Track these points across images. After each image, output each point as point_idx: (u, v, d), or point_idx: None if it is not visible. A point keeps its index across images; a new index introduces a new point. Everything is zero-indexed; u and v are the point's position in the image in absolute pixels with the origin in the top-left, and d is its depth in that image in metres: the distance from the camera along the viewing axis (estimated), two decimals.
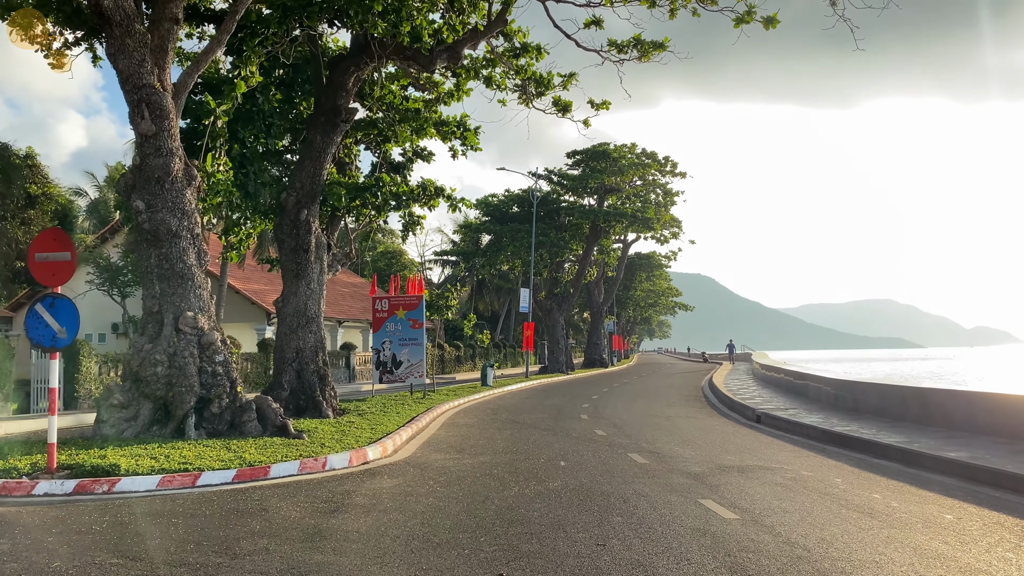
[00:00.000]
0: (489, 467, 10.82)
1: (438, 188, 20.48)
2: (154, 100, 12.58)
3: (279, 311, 17.86)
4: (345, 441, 12.58)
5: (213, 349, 13.45)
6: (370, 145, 21.86)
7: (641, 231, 48.40)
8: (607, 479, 9.79)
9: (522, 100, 21.92)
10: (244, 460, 10.43)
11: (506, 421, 17.94)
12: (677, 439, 14.53)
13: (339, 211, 19.48)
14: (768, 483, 9.68)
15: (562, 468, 10.72)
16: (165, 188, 13.04)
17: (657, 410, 21.56)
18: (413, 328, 23.65)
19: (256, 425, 13.42)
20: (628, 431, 15.93)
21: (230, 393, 13.41)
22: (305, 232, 17.66)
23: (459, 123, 20.91)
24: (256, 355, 31.14)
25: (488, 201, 48.08)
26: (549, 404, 23.13)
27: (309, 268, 17.69)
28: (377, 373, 23.89)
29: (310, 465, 10.56)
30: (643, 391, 30.19)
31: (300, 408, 17.09)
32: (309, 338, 17.61)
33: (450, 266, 58.52)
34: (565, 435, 15.05)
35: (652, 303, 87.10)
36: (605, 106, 22.06)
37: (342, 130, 18.14)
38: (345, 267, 19.84)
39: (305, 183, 17.75)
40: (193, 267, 13.45)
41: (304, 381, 17.36)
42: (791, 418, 17.40)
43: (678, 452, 12.57)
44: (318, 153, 17.89)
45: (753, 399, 22.82)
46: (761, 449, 13.28)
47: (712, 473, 10.41)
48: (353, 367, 38.92)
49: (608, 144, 45.61)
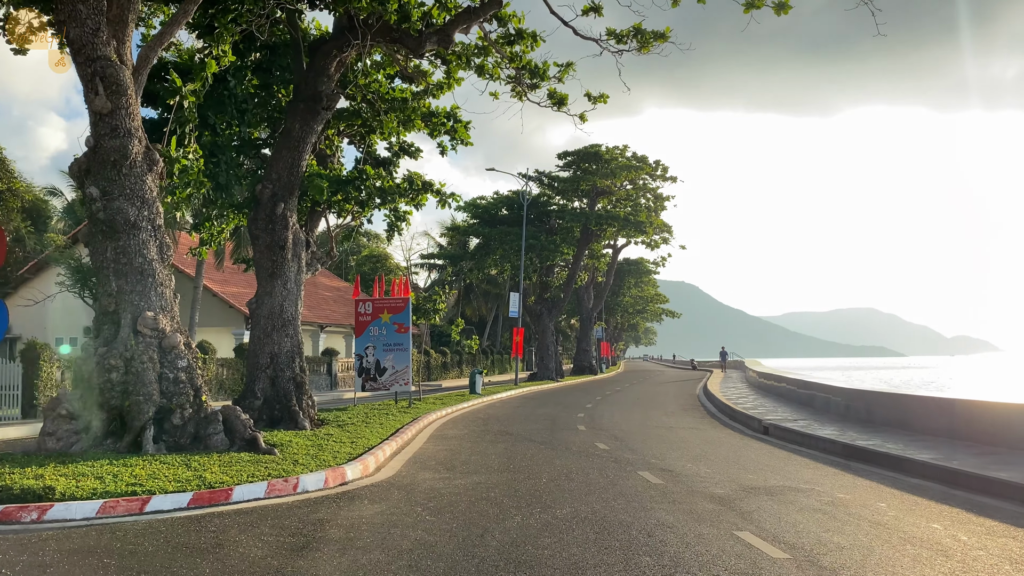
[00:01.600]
0: (485, 489, 9.51)
1: (426, 183, 19.21)
2: (110, 74, 11.22)
3: (252, 313, 16.49)
4: (321, 457, 11.23)
5: (175, 353, 12.08)
6: (353, 139, 20.54)
7: (633, 235, 47.22)
8: (623, 505, 8.51)
9: (515, 93, 20.67)
10: (204, 481, 9.08)
11: (498, 433, 16.64)
12: (686, 454, 13.29)
13: (319, 206, 18.15)
14: (805, 509, 8.44)
15: (568, 490, 9.44)
16: (122, 173, 11.67)
17: (656, 420, 20.34)
18: (398, 332, 22.29)
19: (222, 438, 12.05)
20: (631, 444, 14.68)
21: (194, 403, 12.04)
22: (281, 227, 16.31)
23: (449, 114, 19.63)
24: (233, 361, 29.68)
25: (476, 203, 46.73)
26: (542, 414, 21.84)
27: (285, 266, 16.34)
28: (359, 380, 22.51)
29: (279, 487, 9.22)
30: (638, 400, 28.97)
31: (274, 419, 15.71)
32: (285, 342, 16.24)
33: (436, 270, 57.14)
34: (564, 449, 13.77)
35: (640, 309, 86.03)
36: (603, 99, 20.86)
37: (323, 118, 16.82)
38: (325, 266, 18.50)
39: (282, 174, 16.41)
40: (154, 262, 12.08)
41: (279, 389, 15.99)
42: (803, 430, 16.24)
43: (692, 469, 11.32)
44: (297, 142, 16.55)
45: (756, 409, 21.65)
46: (780, 465, 12.06)
47: (738, 496, 9.16)
48: (335, 373, 37.47)
49: (600, 146, 44.44)
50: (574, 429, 17.67)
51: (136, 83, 11.90)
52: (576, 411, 22.88)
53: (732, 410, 22.40)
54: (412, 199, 19.24)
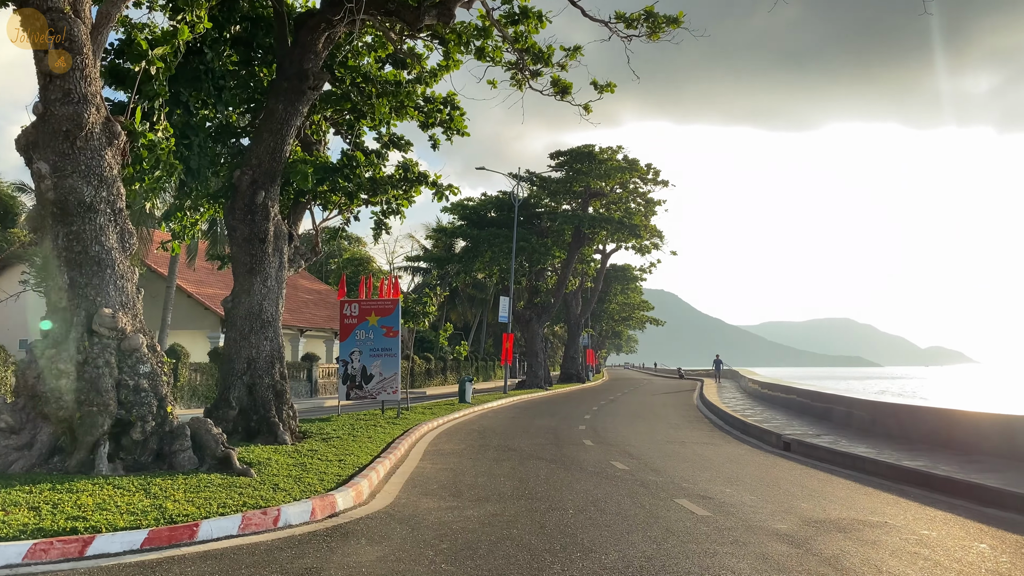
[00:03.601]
0: (504, 523, 7.95)
1: (421, 174, 17.65)
2: (61, 27, 9.58)
3: (228, 313, 14.83)
4: (306, 481, 9.60)
5: (137, 357, 10.43)
6: (340, 127, 18.93)
7: (626, 239, 45.74)
8: (678, 547, 6.98)
9: (515, 81, 19.21)
10: (164, 512, 7.45)
11: (499, 448, 15.08)
12: (717, 475, 11.79)
13: (303, 196, 16.53)
14: (897, 553, 6.97)
15: (604, 525, 7.90)
16: (76, 146, 10.01)
17: (664, 434, 18.87)
18: (387, 337, 20.64)
19: (190, 456, 10.40)
20: (650, 463, 13.18)
21: (157, 414, 10.38)
22: (262, 218, 14.68)
23: (446, 100, 18.11)
24: (207, 366, 27.90)
25: (464, 204, 45.12)
26: (541, 426, 20.29)
27: (266, 262, 14.70)
28: (344, 388, 20.83)
29: (256, 520, 7.60)
30: (636, 411, 27.48)
31: (251, 431, 14.05)
32: (264, 346, 14.59)
33: (421, 274, 55.44)
34: (579, 469, 12.24)
35: (626, 317, 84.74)
36: (610, 88, 19.46)
37: (309, 99, 15.22)
38: (310, 263, 16.86)
39: (263, 159, 14.78)
40: (114, 251, 10.43)
41: (257, 398, 14.33)
42: (831, 446, 14.82)
43: (734, 496, 9.82)
44: (280, 125, 14.93)
45: (769, 422, 20.23)
46: (828, 490, 10.60)
47: (807, 534, 7.66)
48: (316, 380, 35.72)
49: (593, 146, 42.96)
50: (580, 444, 16.15)
51: (95, 43, 10.27)
52: (576, 423, 21.36)
53: (743, 423, 20.99)
54: (405, 191, 17.67)
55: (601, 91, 19.43)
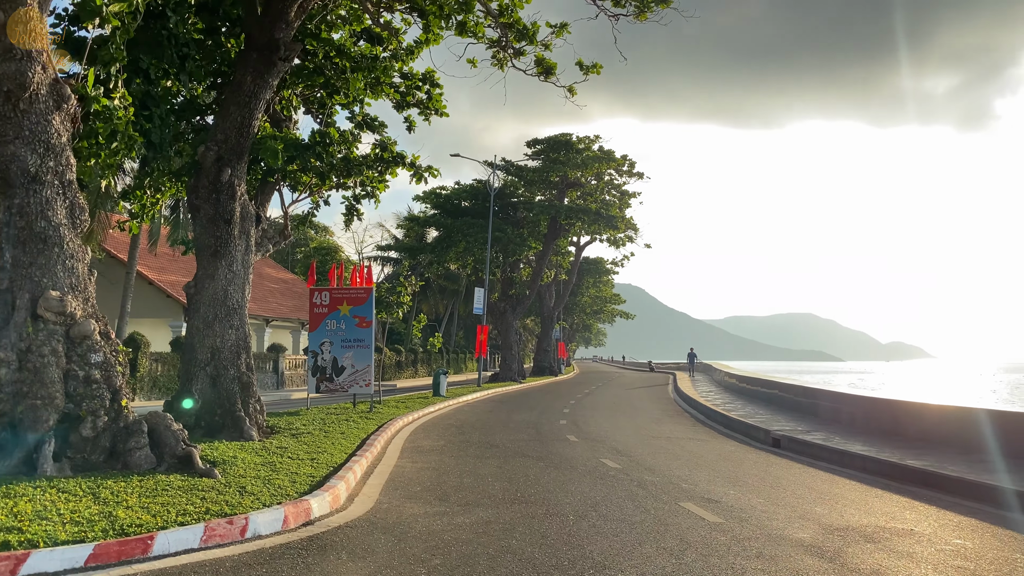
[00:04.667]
0: (500, 531, 7.13)
1: (398, 154, 16.71)
2: None
3: (191, 299, 13.79)
4: (276, 483, 8.69)
5: (88, 345, 9.42)
6: (311, 107, 17.91)
7: (602, 231, 44.97)
8: (699, 562, 6.21)
9: (496, 60, 18.35)
10: (114, 523, 6.52)
11: (481, 444, 14.25)
12: (715, 475, 11.10)
13: (272, 176, 15.52)
14: (940, 568, 6.27)
15: (610, 534, 7.11)
16: (20, 109, 8.96)
17: (649, 429, 18.20)
18: (359, 327, 19.65)
19: (147, 454, 9.42)
20: (642, 460, 12.46)
21: (111, 408, 9.38)
22: (227, 197, 13.64)
23: (425, 77, 17.17)
24: (169, 356, 26.72)
25: (437, 193, 44.04)
26: (521, 420, 19.49)
27: (231, 244, 13.68)
28: (313, 380, 19.82)
29: (221, 531, 6.69)
30: (614, 404, 26.81)
31: (215, 426, 13.05)
32: (229, 335, 13.58)
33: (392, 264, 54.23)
34: (569, 467, 11.46)
35: (597, 310, 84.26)
36: (596, 69, 18.63)
37: (280, 70, 14.19)
38: (279, 247, 15.84)
39: (230, 135, 13.73)
40: (62, 227, 9.40)
41: (221, 390, 13.33)
42: (824, 443, 14.26)
43: (742, 500, 9.11)
44: (248, 98, 13.88)
45: (753, 417, 19.67)
46: (839, 492, 9.95)
47: (835, 545, 6.95)
48: (282, 371, 34.60)
49: (571, 135, 42.16)
50: (564, 439, 15.40)
51: None
52: (556, 417, 20.60)
53: (725, 417, 20.41)
54: (381, 173, 16.73)
55: (587, 72, 18.62)
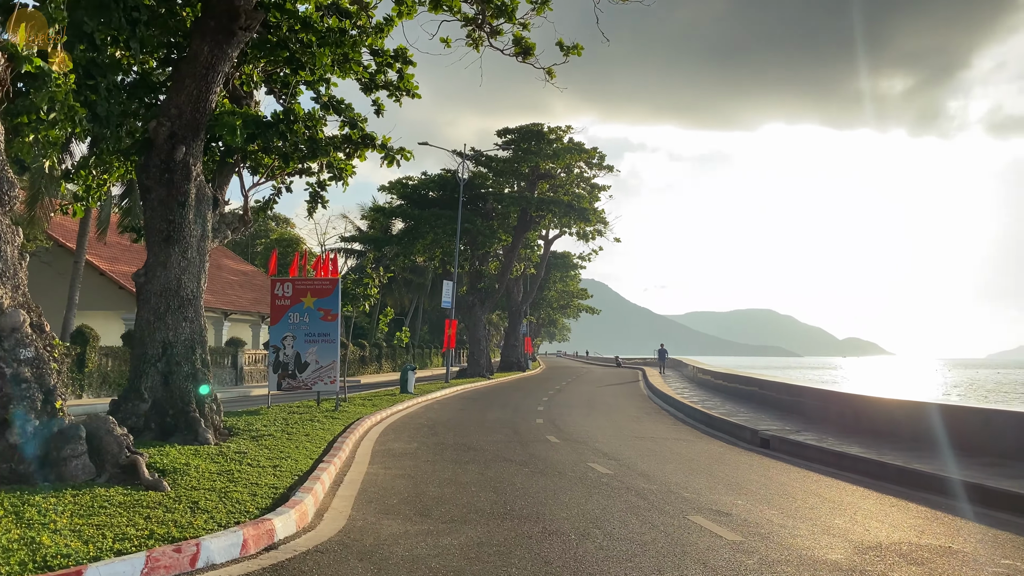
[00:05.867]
0: (496, 555, 6.16)
1: (367, 135, 15.63)
2: None
3: (140, 289, 12.59)
4: (234, 496, 7.61)
5: (17, 339, 8.26)
6: (274, 86, 16.70)
7: (573, 224, 44.08)
8: None
9: (472, 39, 17.34)
10: (36, 552, 5.42)
11: (457, 447, 13.26)
12: (715, 481, 10.27)
13: (231, 156, 14.34)
14: None
15: (621, 557, 6.19)
16: None
17: (630, 428, 17.39)
18: (324, 320, 18.50)
19: (85, 464, 8.29)
20: (631, 464, 11.62)
21: (43, 411, 8.24)
22: (181, 177, 12.45)
23: (397, 54, 16.08)
24: (121, 350, 25.28)
25: (404, 183, 42.78)
26: (495, 419, 18.53)
27: (185, 229, 12.49)
28: (275, 377, 18.63)
29: (167, 560, 5.62)
30: (589, 401, 25.96)
31: (166, 428, 11.89)
32: (183, 327, 12.41)
33: (355, 256, 52.81)
34: (556, 474, 10.53)
35: (564, 304, 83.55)
36: (577, 51, 17.76)
37: (240, 40, 13.02)
38: (238, 233, 14.65)
39: (184, 109, 12.53)
40: None
41: (173, 388, 12.16)
42: (818, 444, 13.59)
43: (755, 512, 8.26)
44: (205, 70, 12.70)
45: (735, 415, 18.96)
46: (854, 502, 9.16)
47: (875, 567, 6.13)
48: (241, 367, 33.21)
49: (542, 124, 41.20)
50: (545, 441, 14.49)
51: None
52: (531, 416, 19.67)
53: (706, 416, 19.70)
54: (349, 155, 15.63)
55: (567, 53, 17.74)
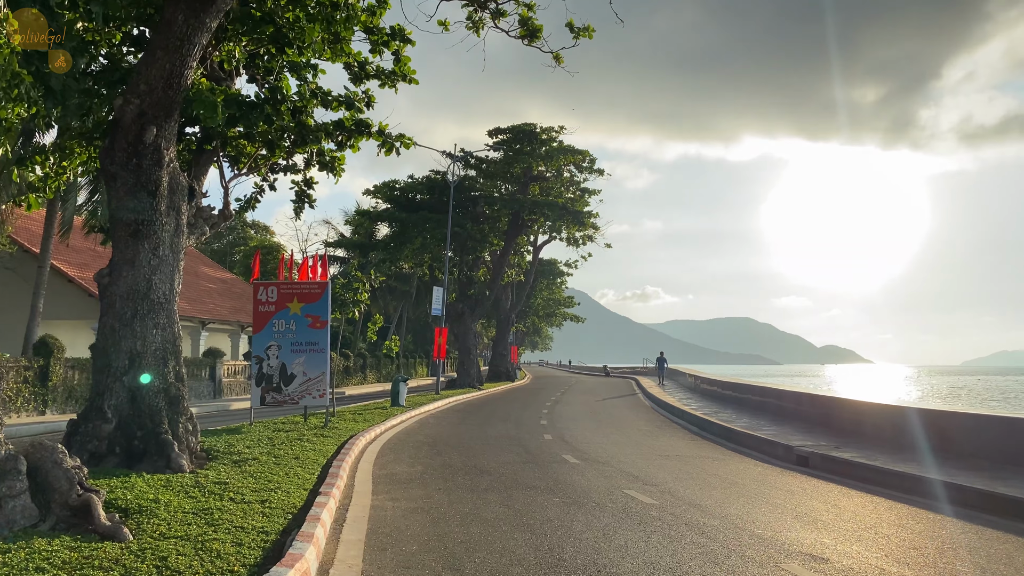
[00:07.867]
0: None
1: (362, 121, 14.06)
2: None
3: (104, 291, 10.90)
4: (214, 548, 5.98)
5: None
6: (256, 71, 15.10)
7: (565, 228, 42.61)
8: None
9: (472, 22, 15.86)
10: None
11: (467, 470, 11.68)
12: (778, 511, 8.78)
13: (210, 142, 12.72)
14: None
15: None
16: None
17: (648, 445, 15.92)
18: (313, 328, 16.85)
19: (26, 504, 6.64)
20: (671, 489, 10.13)
21: None
22: (152, 163, 10.81)
23: (394, 32, 14.55)
24: (88, 362, 23.37)
25: (390, 186, 41.10)
26: (498, 435, 16.95)
27: (156, 223, 10.85)
28: (258, 391, 16.94)
29: None
30: (592, 414, 24.42)
31: (133, 453, 10.21)
32: (154, 336, 10.74)
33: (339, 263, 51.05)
34: (594, 505, 8.98)
35: (550, 312, 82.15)
36: (588, 33, 16.31)
37: (219, 9, 11.41)
38: (217, 228, 12.99)
39: (155, 85, 10.90)
40: None
41: (142, 406, 10.48)
42: (869, 463, 12.19)
43: (857, 556, 6.78)
44: (180, 42, 11.07)
45: (760, 429, 17.52)
46: (956, 539, 7.72)
47: None
48: (219, 379, 31.35)
49: (535, 124, 39.76)
50: (562, 461, 12.97)
51: None
52: (536, 431, 18.12)
53: (725, 429, 18.28)
54: (341, 143, 14.06)
55: (577, 35, 16.27)
